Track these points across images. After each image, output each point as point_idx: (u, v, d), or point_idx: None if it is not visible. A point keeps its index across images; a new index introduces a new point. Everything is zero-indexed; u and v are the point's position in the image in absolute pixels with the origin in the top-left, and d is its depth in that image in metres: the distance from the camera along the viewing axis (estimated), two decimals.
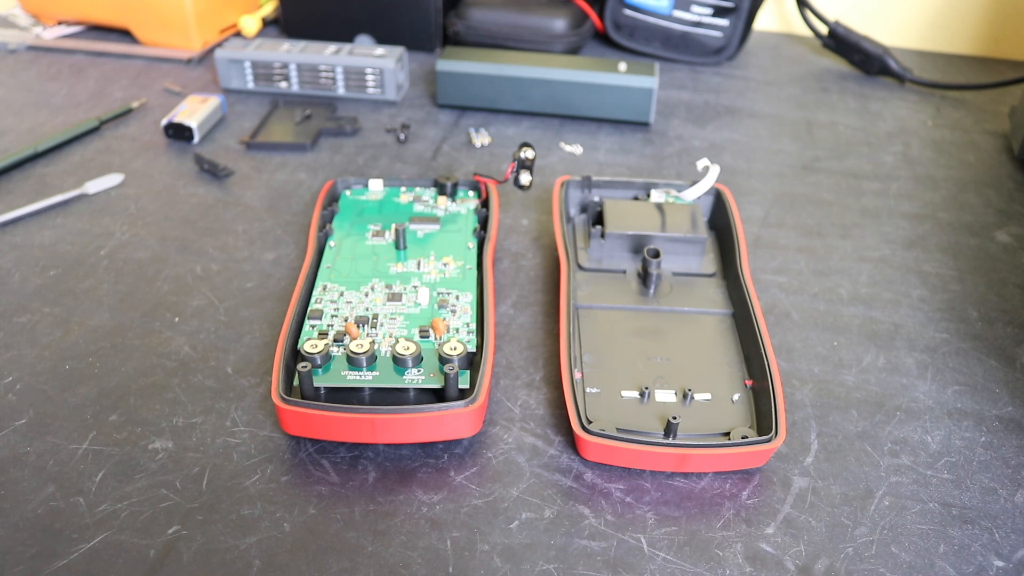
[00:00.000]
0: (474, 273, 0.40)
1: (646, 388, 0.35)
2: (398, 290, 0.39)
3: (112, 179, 0.51)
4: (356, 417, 0.32)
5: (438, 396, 0.34)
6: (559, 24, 0.68)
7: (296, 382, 0.34)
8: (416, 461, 0.34)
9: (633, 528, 0.31)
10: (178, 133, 0.55)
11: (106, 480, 0.32)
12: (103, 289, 0.42)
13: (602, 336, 0.38)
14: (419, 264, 0.41)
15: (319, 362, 0.34)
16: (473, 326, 0.37)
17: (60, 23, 0.72)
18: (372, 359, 0.34)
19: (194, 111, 0.56)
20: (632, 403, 0.35)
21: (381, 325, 0.37)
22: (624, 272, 0.42)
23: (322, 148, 0.56)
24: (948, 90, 0.67)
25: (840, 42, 0.70)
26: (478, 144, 0.57)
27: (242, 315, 0.41)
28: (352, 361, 0.34)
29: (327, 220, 0.44)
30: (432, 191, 0.47)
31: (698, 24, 0.69)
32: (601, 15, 0.72)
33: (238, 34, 0.72)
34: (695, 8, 0.69)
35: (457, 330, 0.37)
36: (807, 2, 0.71)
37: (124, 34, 0.71)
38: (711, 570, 0.30)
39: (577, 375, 0.35)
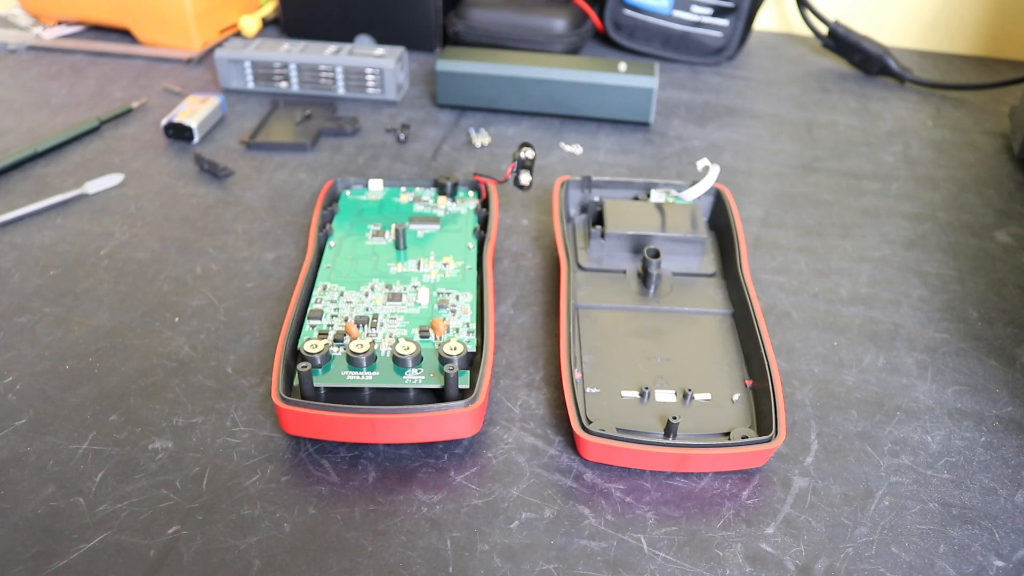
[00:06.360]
0: (474, 273, 0.40)
1: (646, 388, 0.35)
2: (398, 290, 0.39)
3: (112, 179, 0.51)
4: (356, 417, 0.32)
5: (438, 396, 0.34)
6: (559, 24, 0.68)
7: (296, 382, 0.34)
8: (416, 461, 0.34)
9: (633, 528, 0.31)
10: (178, 133, 0.55)
11: (106, 480, 0.32)
12: (103, 289, 0.42)
13: (602, 336, 0.38)
14: (419, 264, 0.41)
15: (319, 362, 0.34)
16: (473, 326, 0.37)
17: (60, 23, 0.72)
18: (372, 359, 0.34)
19: (194, 111, 0.56)
20: (632, 403, 0.35)
21: (381, 325, 0.37)
22: (624, 272, 0.42)
23: (322, 148, 0.56)
24: (948, 90, 0.67)
25: (840, 42, 0.70)
26: (478, 144, 0.57)
27: (242, 315, 0.41)
28: (352, 361, 0.34)
29: (327, 220, 0.44)
30: (432, 191, 0.47)
31: (698, 24, 0.69)
32: (601, 15, 0.72)
33: (238, 34, 0.72)
34: (695, 8, 0.69)
35: (457, 330, 0.37)
36: (807, 2, 0.71)
37: (124, 34, 0.71)
38: (711, 570, 0.30)
39: (577, 375, 0.35)
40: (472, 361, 0.35)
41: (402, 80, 0.63)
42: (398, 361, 0.34)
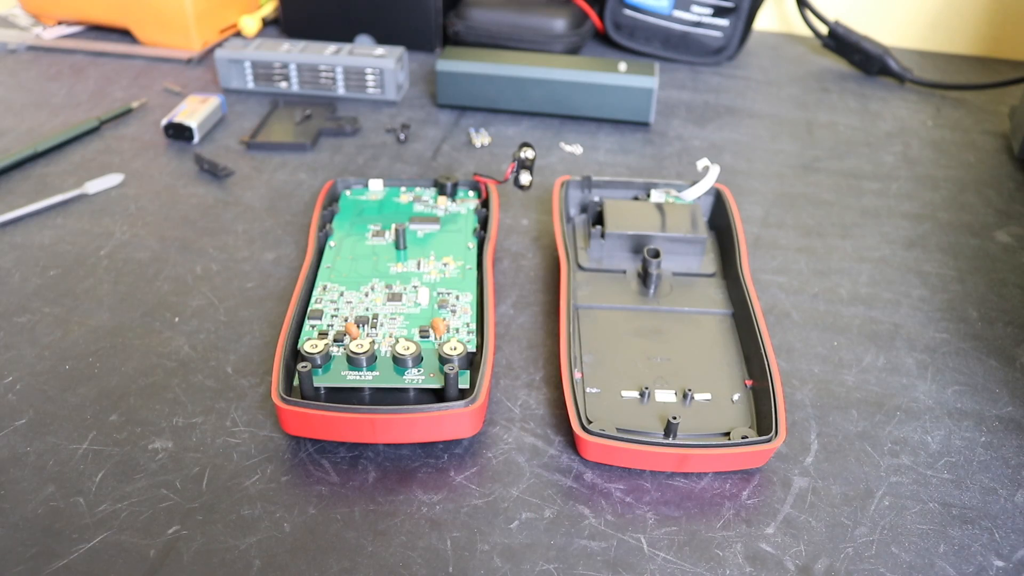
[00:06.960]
0: (474, 273, 0.40)
1: (646, 388, 0.35)
2: (398, 290, 0.39)
3: (112, 179, 0.51)
4: (356, 417, 0.32)
5: (438, 396, 0.34)
6: (559, 24, 0.68)
7: (296, 382, 0.34)
8: (416, 461, 0.34)
9: (633, 528, 0.31)
10: (178, 133, 0.55)
11: (106, 480, 0.32)
12: (103, 289, 0.42)
13: (602, 336, 0.38)
14: (419, 264, 0.41)
15: (319, 362, 0.34)
16: (473, 326, 0.37)
17: (60, 23, 0.72)
18: (372, 359, 0.34)
19: (194, 111, 0.56)
20: (632, 403, 0.35)
21: (381, 325, 0.37)
22: (624, 272, 0.42)
23: (322, 148, 0.56)
24: (948, 90, 0.67)
25: (840, 42, 0.70)
26: (478, 144, 0.57)
27: (242, 315, 0.41)
28: (352, 361, 0.34)
29: (327, 220, 0.44)
30: (432, 191, 0.47)
31: (698, 24, 0.69)
32: (601, 15, 0.72)
33: (238, 34, 0.72)
34: (695, 8, 0.69)
35: (457, 330, 0.37)
36: (807, 2, 0.71)
37: (124, 34, 0.71)
38: (711, 570, 0.30)
39: (577, 375, 0.35)
40: (472, 361, 0.35)
41: (402, 80, 0.63)
42: (398, 361, 0.34)
